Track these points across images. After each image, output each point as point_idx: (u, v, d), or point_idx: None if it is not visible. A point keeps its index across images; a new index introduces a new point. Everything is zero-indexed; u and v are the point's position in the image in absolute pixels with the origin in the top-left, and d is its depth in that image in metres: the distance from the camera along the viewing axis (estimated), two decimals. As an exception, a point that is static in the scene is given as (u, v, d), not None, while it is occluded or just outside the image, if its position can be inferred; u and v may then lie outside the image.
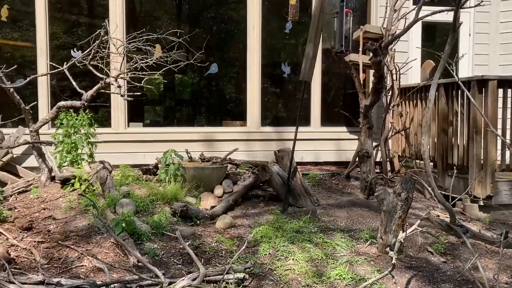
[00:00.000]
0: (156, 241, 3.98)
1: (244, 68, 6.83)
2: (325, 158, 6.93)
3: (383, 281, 3.38)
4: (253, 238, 4.12)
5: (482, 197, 5.06)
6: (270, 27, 7.20)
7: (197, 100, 7.87)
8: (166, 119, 7.72)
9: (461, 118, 5.43)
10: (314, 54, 4.77)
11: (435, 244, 4.10)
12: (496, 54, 7.40)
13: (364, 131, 5.49)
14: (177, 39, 5.24)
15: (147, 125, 7.01)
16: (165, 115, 7.83)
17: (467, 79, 5.24)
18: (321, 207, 5.02)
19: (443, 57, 2.38)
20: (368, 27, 6.01)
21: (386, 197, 3.94)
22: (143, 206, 4.57)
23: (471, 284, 3.42)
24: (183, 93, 7.99)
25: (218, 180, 5.36)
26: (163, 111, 7.84)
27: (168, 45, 5.40)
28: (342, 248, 3.97)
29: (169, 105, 7.89)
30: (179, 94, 7.98)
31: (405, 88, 6.55)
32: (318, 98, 7.00)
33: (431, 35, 7.82)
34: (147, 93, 6.60)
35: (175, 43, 5.08)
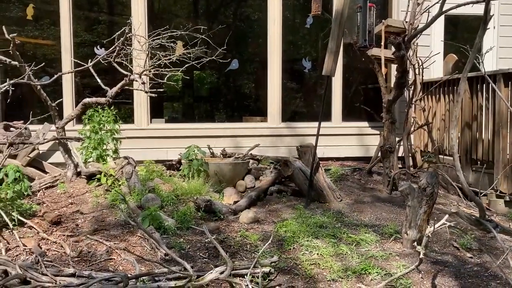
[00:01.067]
0: (182, 235, 4.04)
1: (265, 64, 6.84)
2: (347, 153, 6.91)
3: (409, 276, 3.37)
4: (277, 233, 4.14)
5: (508, 192, 4.99)
6: (290, 22, 7.20)
7: (217, 96, 7.92)
8: (187, 115, 7.78)
9: (486, 112, 5.35)
10: (337, 49, 4.75)
11: (461, 240, 4.07)
12: (521, 47, 7.26)
13: (387, 126, 5.46)
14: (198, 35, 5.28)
15: (169, 121, 7.08)
16: (186, 111, 7.90)
17: (492, 72, 5.16)
18: (344, 203, 5.02)
19: (473, 50, 2.36)
20: (390, 21, 5.96)
21: (411, 192, 3.92)
22: (168, 201, 4.63)
23: (499, 280, 3.39)
24: (204, 89, 8.04)
25: (240, 176, 5.39)
26: (184, 107, 7.92)
27: (188, 42, 5.45)
28: (367, 243, 3.97)
29: (190, 101, 7.96)
30: (200, 91, 8.04)
31: (428, 82, 6.49)
32: (339, 93, 6.98)
33: (453, 28, 7.71)
34: (169, 89, 6.67)
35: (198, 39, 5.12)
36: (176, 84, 6.35)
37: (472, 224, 2.66)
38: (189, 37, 5.38)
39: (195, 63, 5.14)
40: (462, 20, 7.63)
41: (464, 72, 2.49)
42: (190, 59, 5.18)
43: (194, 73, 7.65)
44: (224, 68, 7.01)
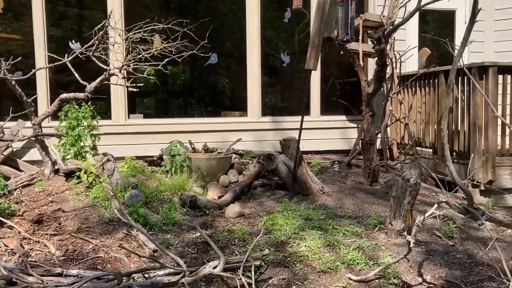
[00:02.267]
0: (168, 231, 4.01)
1: (244, 58, 6.83)
2: (326, 146, 6.99)
3: (396, 265, 3.45)
4: (264, 226, 4.16)
5: (484, 182, 5.17)
6: (269, 17, 7.19)
7: (196, 91, 7.85)
8: (166, 110, 7.69)
9: (462, 104, 5.51)
10: (318, 43, 4.79)
11: (442, 228, 4.19)
12: (491, 41, 7.50)
13: (366, 119, 5.54)
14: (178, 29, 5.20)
15: (147, 116, 6.98)
16: (165, 106, 7.81)
17: (468, 65, 5.31)
18: (327, 195, 5.07)
19: (462, 43, 2.42)
20: (368, 15, 6.04)
21: (395, 183, 4.00)
22: (152, 197, 4.58)
23: (481, 266, 3.51)
24: (182, 84, 7.96)
25: (223, 170, 5.38)
26: (163, 103, 7.82)
27: (167, 36, 5.37)
28: (352, 234, 4.03)
29: (169, 96, 7.87)
30: (178, 85, 7.95)
31: (404, 76, 6.62)
32: (318, 87, 7.03)
33: (426, 22, 7.89)
34: (147, 84, 6.56)
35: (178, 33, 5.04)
36: (155, 79, 6.26)
37: (461, 212, 2.74)
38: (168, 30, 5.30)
39: (175, 57, 5.08)
40: (435, 15, 7.81)
41: (454, 64, 2.56)
42: (170, 53, 5.10)
43: (173, 67, 7.56)
44: (203, 63, 6.96)
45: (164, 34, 5.30)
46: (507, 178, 5.32)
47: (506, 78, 5.34)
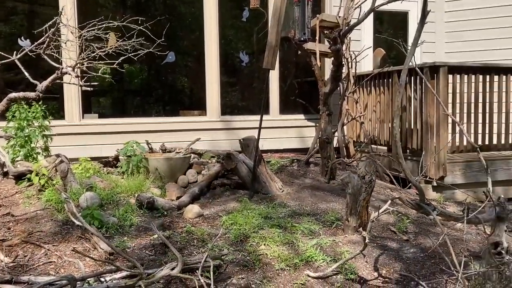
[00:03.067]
0: (125, 234, 3.92)
1: (202, 57, 6.78)
2: (285, 145, 7.05)
3: (353, 261, 3.52)
4: (223, 226, 4.14)
5: (436, 178, 5.36)
6: (227, 16, 7.17)
7: (153, 90, 7.72)
8: (123, 110, 7.52)
9: (415, 103, 5.69)
10: (276, 42, 4.81)
11: (397, 225, 4.31)
12: (442, 42, 7.79)
13: (324, 118, 5.63)
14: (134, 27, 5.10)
15: (103, 116, 6.80)
16: (121, 105, 7.63)
17: (420, 65, 5.48)
18: (286, 193, 5.11)
19: (413, 43, 2.50)
20: (325, 15, 6.12)
21: (351, 180, 4.08)
22: (108, 199, 4.47)
23: (434, 260, 3.64)
24: (139, 83, 7.80)
25: (182, 171, 5.32)
26: (119, 102, 7.64)
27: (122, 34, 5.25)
28: (310, 231, 4.08)
29: (125, 96, 7.70)
30: (135, 84, 7.79)
31: (360, 75, 6.77)
32: (276, 86, 7.09)
33: (381, 23, 8.10)
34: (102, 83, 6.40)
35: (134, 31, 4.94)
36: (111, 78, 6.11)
37: (413, 208, 2.83)
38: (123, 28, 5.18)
39: (131, 55, 4.97)
40: (389, 16, 8.03)
41: (405, 64, 2.64)
42: (126, 51, 4.99)
43: (129, 66, 7.40)
44: (160, 61, 6.85)
45: (119, 32, 5.18)
46: (458, 174, 5.54)
47: (455, 77, 5.55)
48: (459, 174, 5.53)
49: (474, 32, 7.59)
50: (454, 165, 5.53)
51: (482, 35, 7.53)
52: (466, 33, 7.64)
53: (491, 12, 7.47)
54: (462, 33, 7.67)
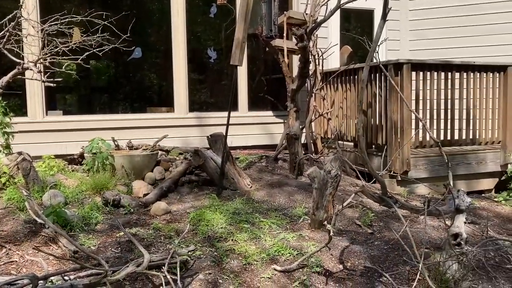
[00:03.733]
0: (90, 232, 3.86)
1: (170, 53, 6.72)
2: (253, 142, 7.08)
3: (318, 254, 3.58)
4: (191, 222, 4.13)
5: (400, 172, 5.50)
6: (195, 12, 7.13)
7: (120, 86, 7.60)
8: (88, 107, 7.37)
9: (379, 99, 5.82)
10: (243, 39, 4.83)
11: (362, 218, 4.40)
12: (406, 40, 7.98)
13: (291, 114, 5.68)
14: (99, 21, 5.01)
15: (67, 113, 6.65)
16: (87, 102, 7.47)
17: (384, 62, 5.61)
18: (254, 189, 5.14)
19: (374, 40, 2.56)
20: (292, 12, 6.18)
21: (317, 175, 4.14)
22: (73, 197, 4.39)
23: (397, 251, 3.74)
24: (105, 79, 7.66)
25: (149, 168, 5.27)
26: (84, 98, 7.47)
27: (87, 29, 5.15)
28: (278, 226, 4.12)
29: (91, 92, 7.54)
30: (101, 80, 7.65)
31: (327, 72, 6.86)
32: (245, 83, 7.10)
33: (348, 21, 8.23)
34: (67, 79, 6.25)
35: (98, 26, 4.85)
36: (75, 74, 5.98)
37: (376, 200, 2.90)
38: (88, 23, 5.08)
39: (96, 51, 4.88)
40: (355, 14, 8.16)
41: (367, 60, 2.69)
42: (90, 46, 4.90)
43: (94, 62, 7.26)
44: (127, 57, 6.76)
45: (85, 27, 5.07)
46: (421, 169, 5.70)
47: (419, 74, 5.70)
48: (422, 168, 5.69)
49: (437, 31, 7.81)
50: (417, 160, 5.69)
51: (445, 33, 7.76)
52: (430, 31, 7.85)
53: (453, 11, 7.70)
54: (426, 31, 7.87)
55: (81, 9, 5.40)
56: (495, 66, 6.13)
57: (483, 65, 6.07)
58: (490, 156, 6.09)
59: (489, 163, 6.08)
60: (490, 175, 6.14)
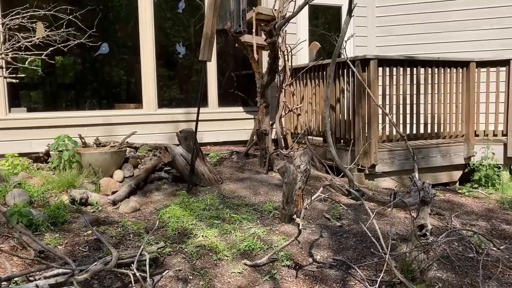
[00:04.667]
0: (57, 231, 3.78)
1: (138, 49, 6.62)
2: (224, 138, 7.06)
3: (288, 248, 3.61)
4: (161, 219, 4.10)
5: (367, 166, 5.60)
6: (163, 7, 7.04)
7: (87, 82, 7.45)
8: (54, 103, 7.20)
9: (347, 95, 5.90)
10: (212, 34, 4.80)
11: (331, 211, 4.46)
12: (373, 36, 8.11)
13: (261, 110, 5.70)
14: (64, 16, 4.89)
15: (32, 110, 6.47)
16: (53, 98, 7.30)
17: (352, 58, 5.68)
18: (225, 185, 5.14)
19: (341, 35, 2.59)
20: (261, 8, 6.19)
21: (287, 170, 4.17)
22: (38, 196, 4.28)
23: (364, 243, 3.81)
24: (71, 75, 7.49)
25: (117, 165, 5.19)
26: (50, 95, 7.29)
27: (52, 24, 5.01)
28: (249, 221, 4.14)
29: (57, 88, 7.37)
30: (67, 76, 7.47)
31: (296, 68, 6.90)
32: (215, 79, 7.07)
33: (317, 17, 8.29)
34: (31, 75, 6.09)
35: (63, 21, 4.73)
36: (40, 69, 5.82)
37: (344, 194, 2.94)
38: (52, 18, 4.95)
39: (61, 47, 4.76)
40: (323, 10, 8.24)
41: (334, 56, 2.73)
42: (55, 41, 4.77)
43: (60, 58, 7.09)
44: (94, 53, 6.62)
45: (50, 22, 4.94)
46: (388, 162, 5.82)
47: (385, 70, 5.81)
48: (389, 162, 5.81)
49: (404, 27, 7.98)
50: (384, 154, 5.80)
51: (411, 29, 7.93)
52: (397, 27, 8.01)
53: (419, 7, 7.87)
54: (393, 28, 8.02)
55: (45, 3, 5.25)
56: (458, 62, 6.31)
57: (446, 60, 6.24)
58: (454, 149, 6.27)
59: (453, 156, 6.26)
60: (454, 167, 6.32)
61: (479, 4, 7.55)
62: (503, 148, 6.18)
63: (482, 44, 7.48)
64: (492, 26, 7.51)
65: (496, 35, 7.44)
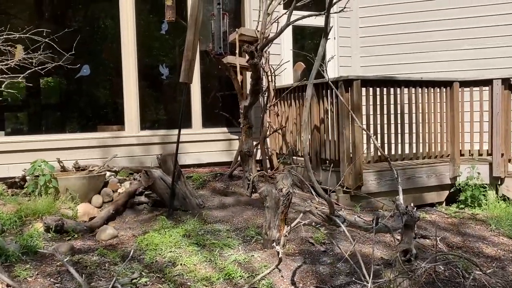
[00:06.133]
0: (29, 261, 3.62)
1: (120, 70, 6.54)
2: (208, 159, 6.95)
3: (270, 276, 3.49)
4: (138, 247, 3.96)
5: (353, 188, 5.51)
6: (145, 28, 7.00)
7: (68, 105, 7.33)
8: (34, 126, 7.06)
9: (331, 115, 5.85)
10: (193, 56, 4.75)
11: (315, 235, 4.35)
12: (357, 56, 8.13)
13: (244, 131, 5.62)
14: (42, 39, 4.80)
15: (11, 133, 6.32)
16: (32, 121, 7.16)
17: (335, 79, 5.64)
18: (207, 209, 5.02)
19: (317, 58, 2.54)
20: (244, 30, 6.16)
21: (269, 193, 4.07)
22: (11, 223, 4.13)
23: (348, 270, 3.71)
24: (52, 98, 7.38)
25: (96, 190, 5.05)
26: (29, 118, 7.17)
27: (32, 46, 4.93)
28: (230, 248, 4.02)
29: (36, 111, 7.24)
30: (47, 99, 7.36)
31: (280, 89, 6.86)
32: (198, 100, 7.00)
33: (301, 38, 8.31)
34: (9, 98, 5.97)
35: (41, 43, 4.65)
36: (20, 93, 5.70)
37: (324, 220, 2.85)
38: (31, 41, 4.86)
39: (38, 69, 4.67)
40: (308, 31, 8.26)
41: (310, 78, 2.67)
42: (32, 64, 4.68)
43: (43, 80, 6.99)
44: (74, 75, 6.53)
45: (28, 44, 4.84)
46: (374, 183, 5.74)
47: (369, 90, 5.78)
48: (375, 183, 5.74)
49: (387, 47, 8.00)
50: (370, 174, 5.73)
51: (395, 50, 7.96)
52: (380, 47, 8.04)
53: (401, 28, 7.92)
54: (376, 48, 8.05)
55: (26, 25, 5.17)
56: (442, 82, 6.32)
57: (430, 80, 6.24)
58: (440, 169, 6.23)
59: (439, 176, 6.20)
60: (440, 188, 6.27)
61: (461, 25, 7.62)
62: (489, 167, 6.14)
63: (465, 64, 7.52)
64: (474, 46, 7.57)
65: (478, 55, 7.48)
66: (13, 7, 6.84)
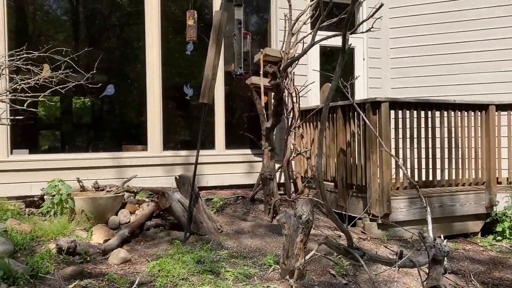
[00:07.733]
0: (36, 284, 3.51)
1: (144, 90, 6.53)
2: (231, 181, 6.79)
3: (285, 310, 3.26)
4: (149, 273, 3.80)
5: (380, 215, 5.22)
6: (170, 49, 6.99)
7: (93, 124, 7.36)
8: (58, 145, 7.09)
9: (358, 139, 5.61)
10: (213, 76, 4.64)
11: (337, 266, 4.09)
12: (387, 77, 7.87)
13: (266, 153, 5.45)
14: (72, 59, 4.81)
15: (35, 152, 6.35)
16: (57, 140, 7.20)
17: (362, 101, 5.43)
18: (224, 234, 4.84)
19: (334, 78, 2.37)
20: (268, 50, 6.05)
21: (287, 220, 3.85)
22: (24, 244, 4.05)
23: (371, 305, 3.43)
24: (78, 117, 7.43)
25: (113, 211, 4.96)
26: (55, 136, 7.21)
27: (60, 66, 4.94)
28: (245, 277, 3.80)
29: (62, 130, 7.28)
30: (74, 118, 7.41)
31: (306, 110, 6.67)
32: (222, 120, 6.89)
33: (329, 59, 8.13)
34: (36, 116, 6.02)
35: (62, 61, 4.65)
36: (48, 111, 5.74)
37: (341, 253, 2.63)
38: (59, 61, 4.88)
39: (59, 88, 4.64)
40: (336, 52, 8.07)
41: (326, 99, 2.49)
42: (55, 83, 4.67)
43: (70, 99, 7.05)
44: (101, 94, 6.55)
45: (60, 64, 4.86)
46: (403, 211, 5.43)
47: (398, 113, 5.53)
48: (404, 211, 5.42)
49: (419, 68, 7.72)
50: (399, 202, 5.42)
51: (427, 71, 7.66)
52: (412, 69, 7.76)
53: (434, 49, 7.63)
54: (408, 69, 7.78)
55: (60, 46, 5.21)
56: (476, 105, 5.99)
57: (463, 103, 5.92)
58: (475, 197, 5.85)
59: (473, 205, 5.82)
60: (475, 217, 5.88)
61: (498, 46, 7.27)
62: (529, 196, 5.73)
63: (502, 86, 7.15)
64: (511, 67, 7.20)
65: (516, 77, 7.11)
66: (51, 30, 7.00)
